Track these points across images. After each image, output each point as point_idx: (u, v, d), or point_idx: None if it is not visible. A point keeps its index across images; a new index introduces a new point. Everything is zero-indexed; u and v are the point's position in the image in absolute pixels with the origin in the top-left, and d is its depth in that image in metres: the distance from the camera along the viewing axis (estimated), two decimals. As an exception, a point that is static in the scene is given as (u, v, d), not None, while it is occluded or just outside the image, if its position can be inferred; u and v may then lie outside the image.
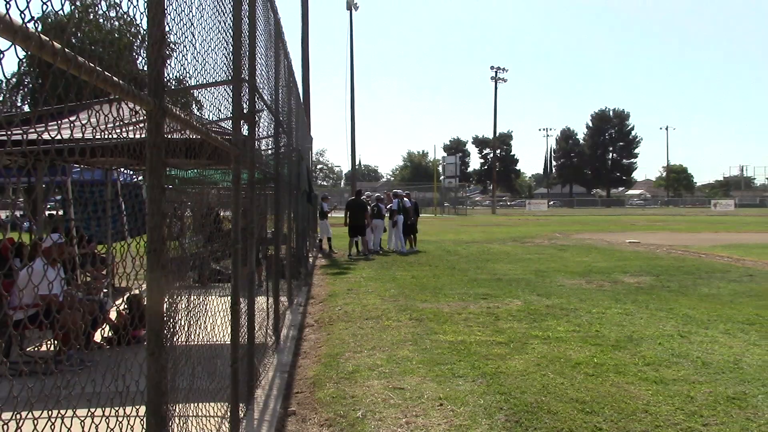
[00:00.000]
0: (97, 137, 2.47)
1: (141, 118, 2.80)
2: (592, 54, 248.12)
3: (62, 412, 2.29)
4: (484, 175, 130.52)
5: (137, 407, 2.88)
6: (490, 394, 6.30)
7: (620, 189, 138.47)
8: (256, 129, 6.29)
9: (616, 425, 5.50)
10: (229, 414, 4.95)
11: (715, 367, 7.33)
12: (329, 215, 23.98)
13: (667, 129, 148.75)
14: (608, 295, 12.49)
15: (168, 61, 2.97)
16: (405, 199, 23.28)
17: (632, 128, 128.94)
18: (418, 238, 23.64)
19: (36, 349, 7.74)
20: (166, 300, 2.95)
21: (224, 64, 4.78)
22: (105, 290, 10.74)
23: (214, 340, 4.69)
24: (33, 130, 2.01)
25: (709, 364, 7.42)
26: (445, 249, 23.37)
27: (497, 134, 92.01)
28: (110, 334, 8.09)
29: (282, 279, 10.12)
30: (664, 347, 8.21)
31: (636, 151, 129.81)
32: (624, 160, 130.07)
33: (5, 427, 1.86)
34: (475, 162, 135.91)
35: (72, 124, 2.17)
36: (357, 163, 64.99)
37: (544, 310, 10.80)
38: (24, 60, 25.09)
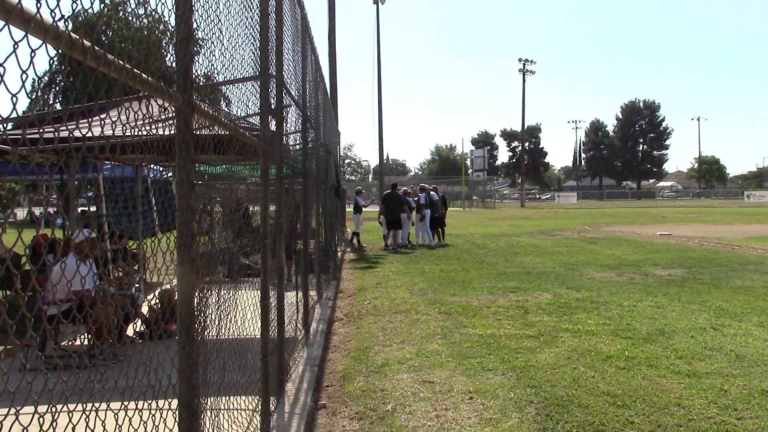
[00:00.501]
0: (127, 134, 2.50)
1: (170, 114, 2.82)
2: (621, 45, 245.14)
3: (96, 405, 2.31)
4: (512, 168, 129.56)
5: (169, 400, 2.91)
6: (521, 388, 6.28)
7: (651, 181, 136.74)
8: (284, 124, 6.32)
9: (648, 419, 5.45)
10: (260, 407, 4.99)
11: (749, 360, 7.22)
12: (364, 209, 23.92)
13: (698, 120, 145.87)
14: (639, 287, 12.37)
15: (196, 58, 2.98)
16: (432, 192, 23.20)
17: (663, 119, 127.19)
18: (446, 232, 23.57)
19: (70, 343, 7.84)
20: (196, 295, 2.98)
21: (251, 59, 4.80)
22: (136, 285, 10.87)
23: (245, 334, 4.73)
24: (65, 127, 2.03)
25: (743, 357, 7.32)
26: (474, 242, 23.29)
27: (525, 127, 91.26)
28: (142, 329, 8.18)
29: (311, 273, 10.16)
30: (697, 340, 8.11)
31: (667, 142, 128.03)
32: (655, 152, 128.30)
33: (41, 419, 1.90)
34: (503, 155, 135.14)
35: (102, 122, 2.19)
36: (385, 157, 64.97)
37: (574, 303, 10.72)
38: (55, 58, 25.44)
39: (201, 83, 3.29)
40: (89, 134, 2.12)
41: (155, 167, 13.28)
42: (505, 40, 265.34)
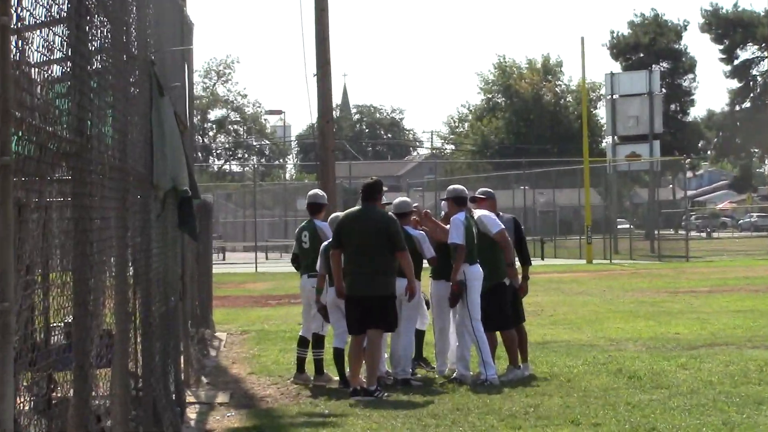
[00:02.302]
0: None
1: None
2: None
3: None
4: (733, 135, 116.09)
5: None
6: None
7: None
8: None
9: None
10: None
11: None
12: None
13: None
14: None
15: None
16: (481, 210, 17.82)
17: None
18: (530, 332, 19.11)
19: None
20: None
21: None
22: None
23: None
24: None
25: None
26: (622, 367, 18.08)
27: None
28: None
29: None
30: None
31: None
32: None
33: None
34: (708, 89, 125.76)
35: None
36: (338, 100, 59.47)
37: None
38: None
39: None
40: None
41: None
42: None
